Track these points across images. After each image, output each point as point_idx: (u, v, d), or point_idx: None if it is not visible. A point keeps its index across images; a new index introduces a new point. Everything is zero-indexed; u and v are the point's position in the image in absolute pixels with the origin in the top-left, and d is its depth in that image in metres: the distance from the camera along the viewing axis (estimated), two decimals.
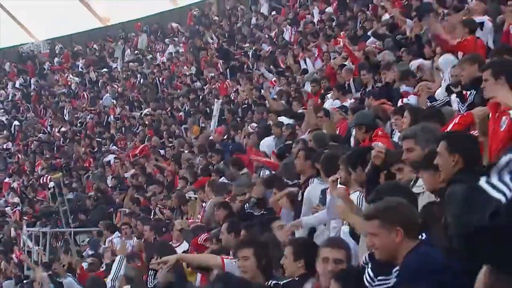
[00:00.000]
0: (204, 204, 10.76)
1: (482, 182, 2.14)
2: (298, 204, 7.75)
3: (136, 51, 27.01)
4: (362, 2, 17.04)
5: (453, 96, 7.30)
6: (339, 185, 5.90)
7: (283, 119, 12.30)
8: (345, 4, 17.74)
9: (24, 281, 14.04)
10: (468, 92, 6.83)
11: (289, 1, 22.18)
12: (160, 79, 22.88)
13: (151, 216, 12.92)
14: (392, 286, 3.98)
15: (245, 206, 8.60)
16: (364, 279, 4.19)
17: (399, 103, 8.88)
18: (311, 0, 20.46)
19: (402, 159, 5.33)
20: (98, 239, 13.96)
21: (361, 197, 5.70)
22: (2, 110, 27.76)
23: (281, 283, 5.06)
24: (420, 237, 3.98)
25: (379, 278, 4.10)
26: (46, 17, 31.42)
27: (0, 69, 31.21)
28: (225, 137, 15.18)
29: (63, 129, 23.64)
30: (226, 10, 25.38)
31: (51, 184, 18.37)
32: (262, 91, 15.86)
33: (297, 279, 4.96)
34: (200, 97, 19.44)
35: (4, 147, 24.87)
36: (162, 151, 17.16)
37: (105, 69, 26.83)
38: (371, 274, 4.17)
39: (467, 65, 7.01)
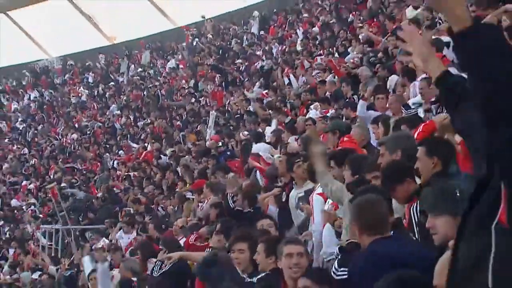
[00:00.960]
0: (200, 204, 10.68)
1: None
2: (283, 204, 7.71)
3: (139, 67, 26.95)
4: (342, 23, 17.02)
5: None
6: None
7: (271, 128, 12.28)
8: (327, 24, 17.71)
9: (38, 273, 13.95)
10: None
11: (278, 22, 22.16)
12: (161, 91, 22.82)
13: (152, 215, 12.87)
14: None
15: (231, 201, 8.48)
16: (332, 269, 4.28)
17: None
18: (297, 21, 20.46)
19: (377, 163, 5.30)
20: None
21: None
22: (20, 119, 27.70)
23: (255, 278, 5.01)
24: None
25: (342, 268, 4.18)
26: (58, 35, 31.39)
27: (17, 83, 31.16)
28: (220, 144, 15.12)
29: (73, 136, 23.57)
30: (220, 29, 25.34)
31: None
32: (251, 103, 15.83)
33: (269, 272, 4.94)
34: (197, 108, 19.39)
35: (21, 152, 24.78)
36: (162, 156, 17.12)
37: (111, 83, 26.77)
38: (336, 265, 4.26)
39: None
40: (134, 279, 7.98)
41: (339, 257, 4.31)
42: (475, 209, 1.95)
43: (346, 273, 4.12)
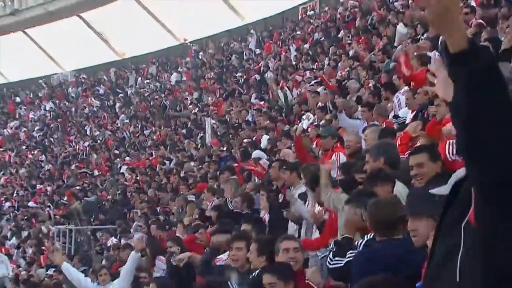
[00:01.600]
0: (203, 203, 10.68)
1: None
2: (277, 205, 7.69)
3: (146, 80, 27.00)
4: (332, 39, 17.09)
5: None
6: None
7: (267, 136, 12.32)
8: (318, 41, 17.78)
9: (53, 269, 13.91)
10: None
11: (273, 39, 22.24)
12: (166, 102, 22.86)
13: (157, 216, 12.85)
14: (343, 266, 4.07)
15: (230, 204, 8.49)
16: (327, 260, 4.31)
17: None
18: (291, 38, 20.52)
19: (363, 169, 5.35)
20: None
21: None
22: (37, 128, 27.72)
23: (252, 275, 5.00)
24: None
25: (336, 258, 4.18)
26: (72, 51, 31.44)
27: (34, 95, 31.17)
28: (220, 150, 15.14)
29: (86, 143, 23.59)
30: (220, 45, 25.42)
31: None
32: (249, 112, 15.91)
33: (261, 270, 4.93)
34: (200, 117, 19.41)
35: (38, 158, 24.80)
36: (166, 162, 17.14)
37: (121, 95, 26.80)
38: (331, 255, 4.27)
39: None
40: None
41: (334, 249, 4.33)
42: (452, 209, 1.93)
43: (340, 262, 4.13)
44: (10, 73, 33.56)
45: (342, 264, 4.08)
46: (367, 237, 4.06)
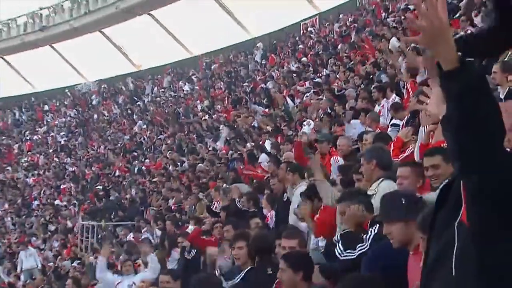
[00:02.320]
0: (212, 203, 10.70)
1: None
2: (282, 204, 7.69)
3: (161, 89, 27.07)
4: (330, 52, 17.11)
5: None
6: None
7: (271, 140, 12.34)
8: (318, 54, 17.81)
9: (77, 261, 13.98)
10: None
11: (277, 52, 22.27)
12: (180, 109, 22.91)
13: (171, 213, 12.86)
14: (355, 258, 3.99)
15: (238, 204, 8.51)
16: (336, 252, 4.21)
17: None
18: (292, 51, 20.55)
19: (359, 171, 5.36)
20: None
21: None
22: (62, 133, 27.80)
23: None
24: None
25: (348, 251, 4.13)
26: (94, 63, 31.62)
27: (60, 103, 31.28)
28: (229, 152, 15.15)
29: (106, 147, 23.64)
30: (229, 57, 25.47)
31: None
32: (256, 118, 15.92)
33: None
34: (211, 123, 19.44)
35: (64, 161, 24.87)
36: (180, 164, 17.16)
37: (138, 103, 26.87)
38: (342, 248, 4.17)
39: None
40: None
41: (341, 242, 4.23)
42: (443, 209, 1.89)
43: (352, 255, 4.05)
44: (39, 84, 33.75)
45: (354, 256, 4.02)
46: (373, 231, 4.01)
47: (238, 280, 4.93)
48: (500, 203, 1.71)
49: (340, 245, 4.22)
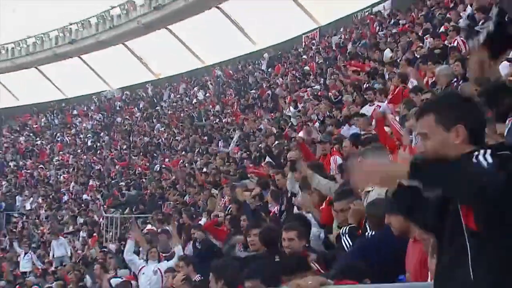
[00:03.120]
0: (223, 199, 10.66)
1: None
2: (287, 198, 7.58)
3: (178, 95, 27.09)
4: (330, 62, 17.05)
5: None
6: None
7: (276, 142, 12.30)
8: (318, 63, 17.76)
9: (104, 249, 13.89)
10: None
11: (281, 61, 22.23)
12: (194, 114, 22.92)
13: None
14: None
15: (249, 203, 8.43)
16: (343, 244, 4.10)
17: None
18: (295, 61, 20.51)
19: None
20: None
21: None
22: (89, 135, 27.89)
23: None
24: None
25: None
26: (117, 72, 31.71)
27: (87, 108, 31.39)
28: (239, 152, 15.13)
29: (129, 147, 23.65)
30: (238, 67, 25.45)
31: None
32: (262, 122, 15.90)
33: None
34: (221, 126, 19.43)
35: (90, 160, 24.93)
36: (194, 163, 17.15)
37: (157, 107, 26.92)
38: (349, 240, 4.06)
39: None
40: None
41: (347, 235, 4.07)
42: (451, 214, 1.90)
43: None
44: (68, 91, 33.92)
45: None
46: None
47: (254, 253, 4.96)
48: (500, 202, 1.76)
49: (347, 237, 4.10)
